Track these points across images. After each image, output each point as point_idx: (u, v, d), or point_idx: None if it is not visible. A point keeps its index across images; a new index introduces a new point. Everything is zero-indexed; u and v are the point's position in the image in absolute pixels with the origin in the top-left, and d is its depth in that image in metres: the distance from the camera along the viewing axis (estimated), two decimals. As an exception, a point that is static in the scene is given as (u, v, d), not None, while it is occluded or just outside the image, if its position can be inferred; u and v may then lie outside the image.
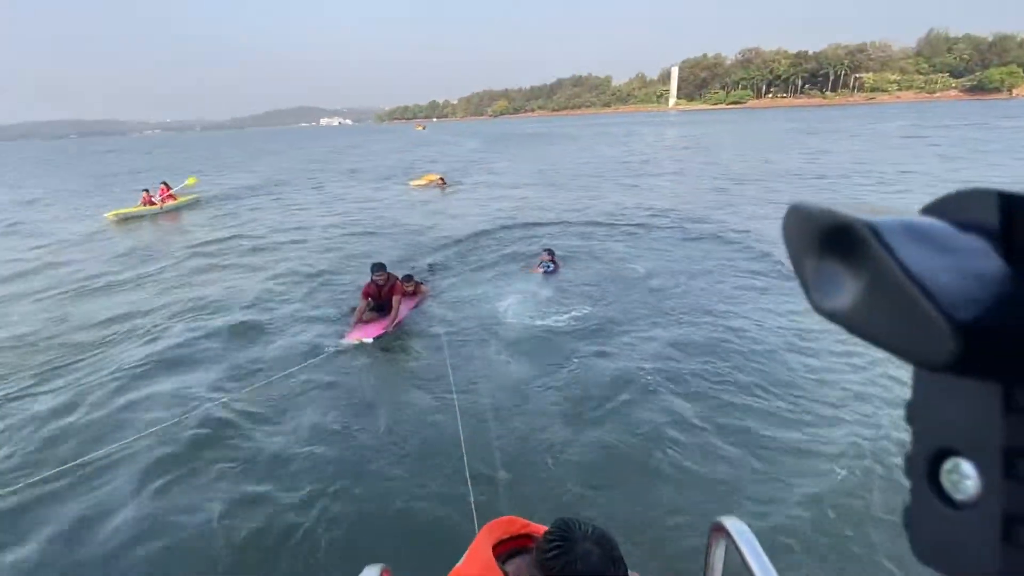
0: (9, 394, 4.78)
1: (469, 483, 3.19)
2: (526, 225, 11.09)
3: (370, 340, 5.39)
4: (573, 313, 6.11)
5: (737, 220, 10.76)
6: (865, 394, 4.20)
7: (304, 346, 5.44)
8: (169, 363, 5.25)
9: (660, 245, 9.17)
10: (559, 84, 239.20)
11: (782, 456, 3.55)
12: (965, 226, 0.18)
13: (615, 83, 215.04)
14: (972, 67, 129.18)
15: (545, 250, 8.51)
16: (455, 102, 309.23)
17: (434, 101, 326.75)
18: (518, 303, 6.48)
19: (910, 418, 0.22)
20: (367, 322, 5.73)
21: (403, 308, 5.99)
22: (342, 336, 5.52)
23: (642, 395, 4.35)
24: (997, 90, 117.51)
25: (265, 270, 8.58)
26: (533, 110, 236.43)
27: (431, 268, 8.14)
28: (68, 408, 4.49)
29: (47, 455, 3.85)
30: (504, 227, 10.95)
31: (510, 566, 0.93)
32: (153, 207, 14.98)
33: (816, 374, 4.63)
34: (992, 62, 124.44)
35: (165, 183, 16.17)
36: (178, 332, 6.05)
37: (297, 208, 15.33)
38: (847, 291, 0.19)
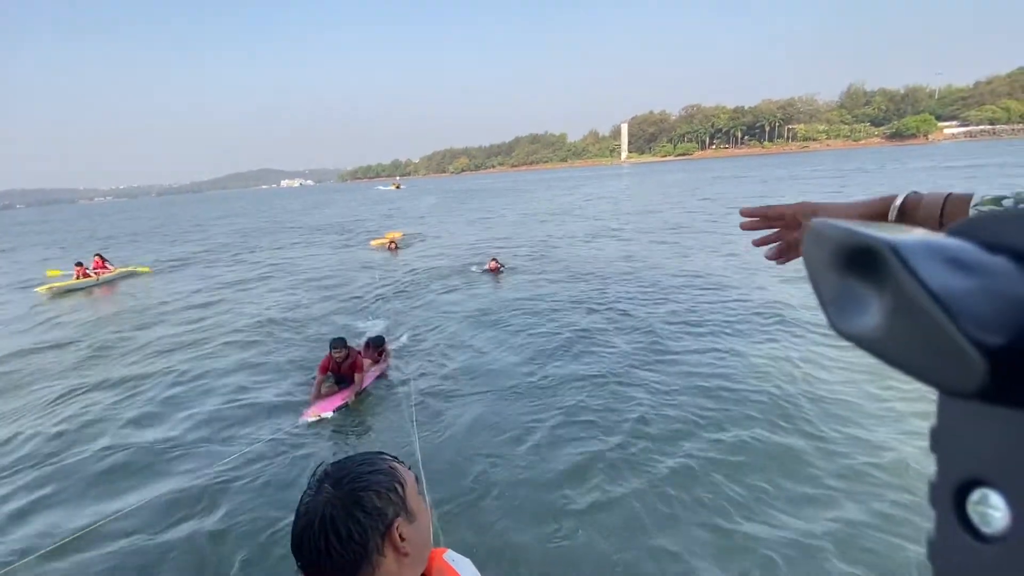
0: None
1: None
2: (469, 260, 13.46)
3: (329, 414, 5.12)
4: (514, 328, 7.68)
5: (631, 240, 14.44)
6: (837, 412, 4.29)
7: (256, 427, 5.10)
8: (108, 455, 4.78)
9: (574, 269, 11.34)
10: (517, 141, 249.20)
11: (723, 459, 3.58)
12: (993, 248, 0.18)
13: (570, 140, 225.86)
14: (889, 116, 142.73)
15: (491, 259, 11.60)
16: (417, 160, 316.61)
17: (396, 160, 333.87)
18: (469, 327, 7.78)
19: (935, 445, 0.21)
20: (326, 396, 5.46)
21: (368, 377, 5.81)
22: (300, 414, 5.24)
23: (593, 431, 4.45)
24: (914, 136, 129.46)
25: (210, 342, 8.15)
26: (494, 166, 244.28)
27: (387, 328, 8.08)
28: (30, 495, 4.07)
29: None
30: (450, 267, 12.85)
31: None
32: (88, 279, 14.32)
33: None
34: (906, 112, 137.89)
35: (99, 255, 15.60)
36: (116, 416, 5.58)
37: (243, 274, 14.88)
38: (869, 314, 0.18)
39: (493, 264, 11.39)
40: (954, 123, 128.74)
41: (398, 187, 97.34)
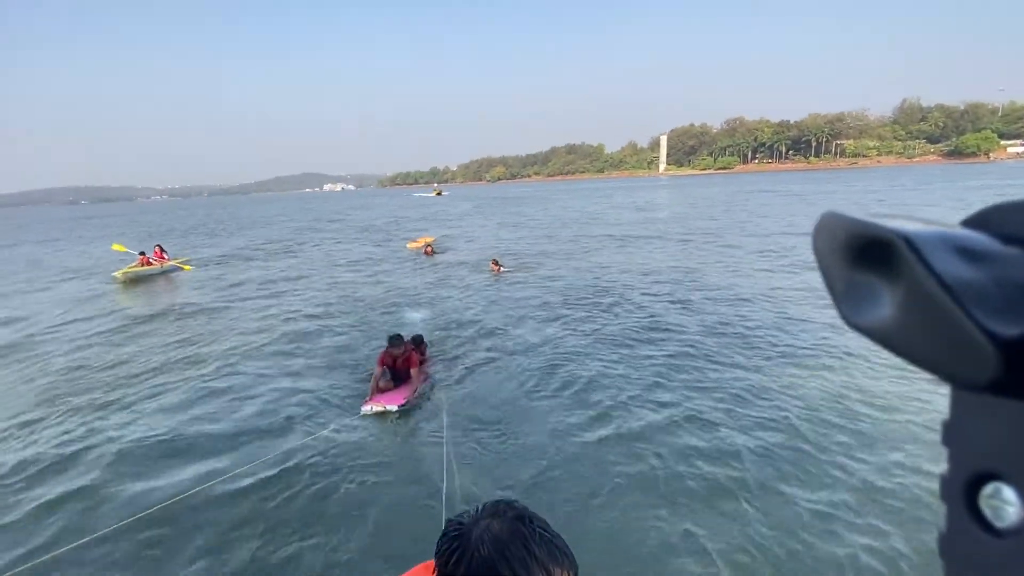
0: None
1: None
2: (487, 259, 14.17)
3: (394, 408, 5.41)
4: (529, 324, 8.28)
5: (658, 243, 14.89)
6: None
7: (318, 413, 5.49)
8: (184, 433, 5.24)
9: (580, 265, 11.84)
10: (554, 151, 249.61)
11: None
12: (1008, 239, 0.18)
13: (608, 151, 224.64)
14: (947, 133, 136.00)
15: (492, 260, 12.95)
16: (454, 168, 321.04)
17: (435, 167, 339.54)
18: (500, 322, 8.27)
19: (947, 439, 0.21)
20: (384, 390, 5.75)
21: (420, 375, 6.10)
22: (363, 403, 5.57)
23: (604, 424, 4.61)
24: (974, 154, 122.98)
25: (266, 329, 8.74)
26: (530, 175, 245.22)
27: (423, 326, 8.43)
28: (98, 471, 4.48)
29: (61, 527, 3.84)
30: (479, 268, 13.77)
31: None
32: (151, 267, 15.45)
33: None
34: (966, 129, 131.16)
35: (159, 246, 16.75)
36: (187, 398, 6.07)
37: (295, 266, 15.81)
38: (881, 306, 0.18)
39: (493, 265, 12.76)
40: (1018, 141, 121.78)
41: (439, 193, 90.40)
